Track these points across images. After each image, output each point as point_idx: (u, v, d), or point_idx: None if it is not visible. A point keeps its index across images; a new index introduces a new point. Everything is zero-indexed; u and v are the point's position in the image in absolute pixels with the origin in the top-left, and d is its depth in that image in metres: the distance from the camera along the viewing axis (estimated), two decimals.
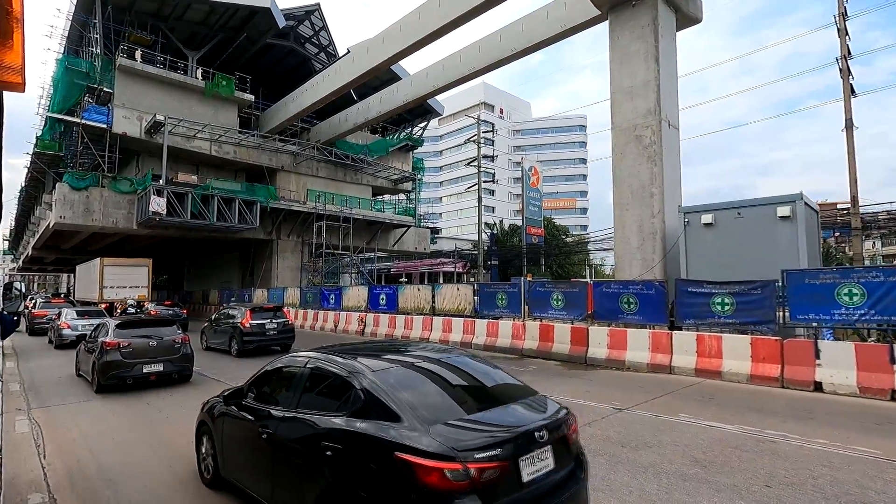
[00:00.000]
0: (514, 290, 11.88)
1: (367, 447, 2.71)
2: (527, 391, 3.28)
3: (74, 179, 23.69)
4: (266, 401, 3.68)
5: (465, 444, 2.51)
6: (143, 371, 8.17)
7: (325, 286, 22.20)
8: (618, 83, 14.68)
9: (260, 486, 3.52)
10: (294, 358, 3.73)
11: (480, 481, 2.43)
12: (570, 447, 2.98)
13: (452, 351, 3.72)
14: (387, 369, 3.14)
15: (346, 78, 23.87)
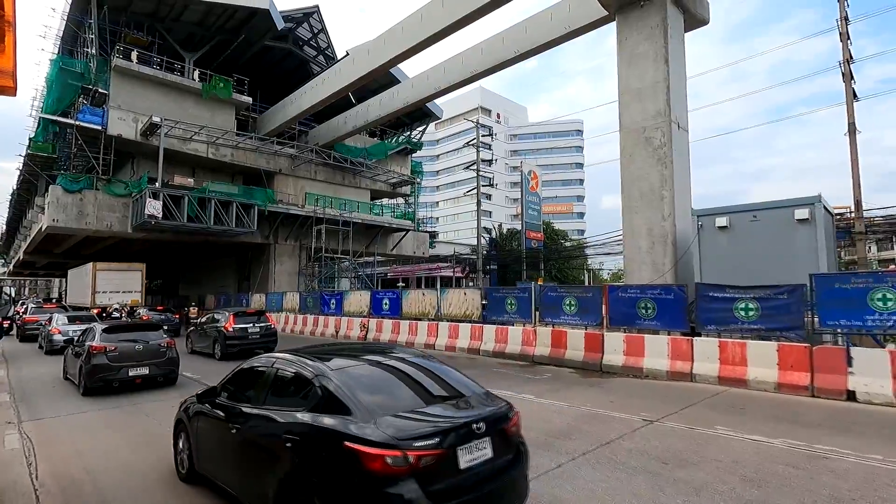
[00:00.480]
0: (525, 295, 11.55)
1: (321, 438, 2.97)
2: (474, 388, 3.53)
3: (68, 182, 23.18)
4: (237, 399, 3.91)
5: (407, 434, 2.77)
6: (128, 374, 8.37)
7: (326, 291, 21.77)
8: (626, 84, 14.46)
9: (230, 478, 3.79)
10: (262, 359, 3.99)
11: (419, 467, 2.69)
12: (510, 439, 3.23)
13: (413, 352, 3.98)
14: (344, 368, 3.39)
15: (346, 80, 23.57)
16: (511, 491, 3.19)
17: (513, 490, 3.20)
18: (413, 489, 2.67)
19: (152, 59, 26.46)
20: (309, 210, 29.73)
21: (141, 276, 26.39)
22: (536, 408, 6.76)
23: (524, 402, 7.14)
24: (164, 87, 26.52)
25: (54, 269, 52.57)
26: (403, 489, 2.66)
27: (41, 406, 7.54)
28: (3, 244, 57.45)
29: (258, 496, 3.40)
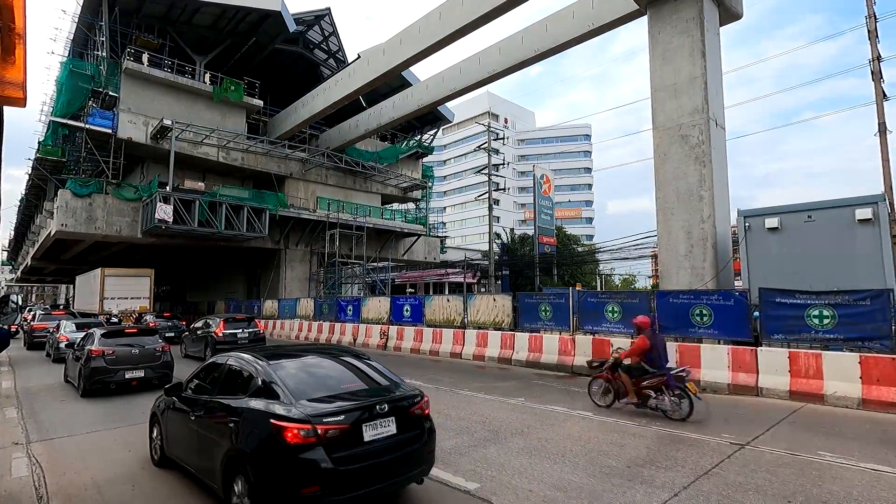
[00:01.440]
0: (561, 301, 10.85)
1: (254, 418, 3.60)
2: (390, 378, 4.19)
3: (77, 186, 22.75)
4: (198, 391, 4.52)
5: (318, 412, 3.41)
6: (125, 376, 8.84)
7: (342, 297, 21.13)
8: (659, 81, 13.83)
9: (189, 458, 4.41)
10: (220, 357, 4.63)
11: (326, 438, 3.33)
12: (414, 419, 3.85)
13: (346, 351, 4.75)
14: (280, 363, 4.05)
15: (360, 81, 23.09)
16: (412, 461, 3.77)
17: (413, 460, 3.78)
18: (322, 455, 3.29)
19: (163, 61, 26.11)
20: (321, 215, 29.19)
21: (150, 282, 25.86)
22: (600, 427, 6.06)
23: (583, 419, 6.45)
24: (174, 90, 26.15)
25: (62, 276, 52.26)
26: (314, 455, 3.29)
27: (51, 423, 6.90)
28: (12, 250, 57.31)
29: (209, 470, 3.99)
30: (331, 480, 3.30)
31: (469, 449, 5.24)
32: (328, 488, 3.29)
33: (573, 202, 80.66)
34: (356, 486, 3.40)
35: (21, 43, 2.10)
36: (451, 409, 7.10)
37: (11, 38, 2.07)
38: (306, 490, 3.26)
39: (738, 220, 11.01)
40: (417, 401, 3.95)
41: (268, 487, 3.33)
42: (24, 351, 17.71)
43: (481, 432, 5.86)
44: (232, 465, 3.67)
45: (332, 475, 3.31)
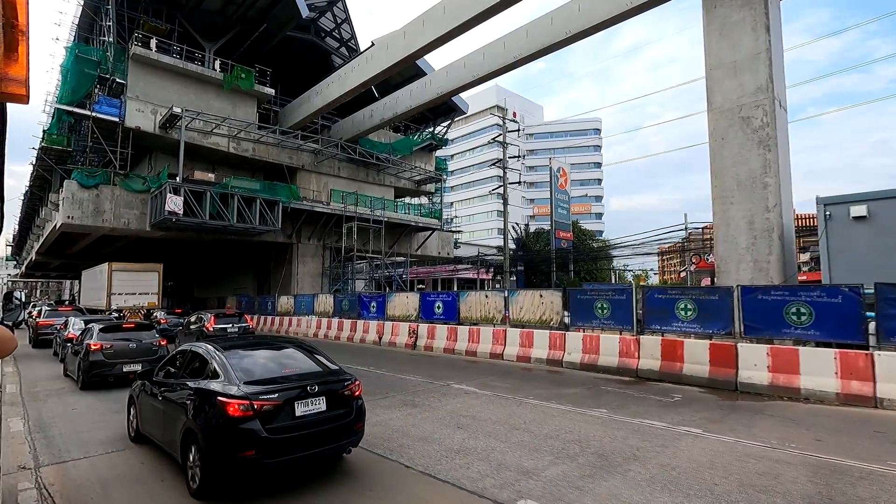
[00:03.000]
0: (623, 298, 9.81)
1: (206, 396, 4.30)
2: (326, 365, 4.93)
3: (84, 177, 21.77)
4: (167, 375, 5.26)
5: (256, 391, 4.16)
6: (122, 370, 9.11)
7: (365, 293, 20.13)
8: (716, 58, 12.72)
9: (156, 432, 5.17)
10: (185, 346, 5.35)
11: (261, 412, 4.06)
12: (345, 399, 4.57)
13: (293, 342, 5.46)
14: (232, 351, 4.83)
15: (379, 67, 22.03)
16: (340, 433, 4.42)
17: (341, 433, 4.43)
18: (258, 427, 3.99)
19: (171, 48, 25.05)
20: (335, 207, 28.17)
21: (158, 277, 24.89)
22: (730, 451, 5.01)
23: (698, 439, 5.40)
24: (183, 77, 25.10)
25: (66, 271, 51.49)
26: (251, 426, 3.98)
27: (63, 439, 5.92)
28: (16, 245, 56.51)
29: (172, 442, 4.61)
30: (265, 447, 3.94)
31: (584, 481, 4.22)
32: (263, 453, 3.94)
33: (584, 198, 79.41)
34: (287, 452, 4.04)
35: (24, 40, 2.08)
36: (531, 424, 6.08)
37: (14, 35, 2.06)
38: (244, 454, 3.91)
39: (818, 208, 9.91)
40: (347, 384, 4.62)
41: (214, 452, 3.99)
42: (29, 349, 16.78)
43: (585, 456, 4.84)
44: (187, 436, 4.33)
45: (266, 442, 3.95)
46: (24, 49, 2.09)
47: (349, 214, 27.44)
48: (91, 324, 10.60)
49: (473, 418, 6.37)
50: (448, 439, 5.46)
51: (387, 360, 12.16)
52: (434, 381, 9.09)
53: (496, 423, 6.16)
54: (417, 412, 6.77)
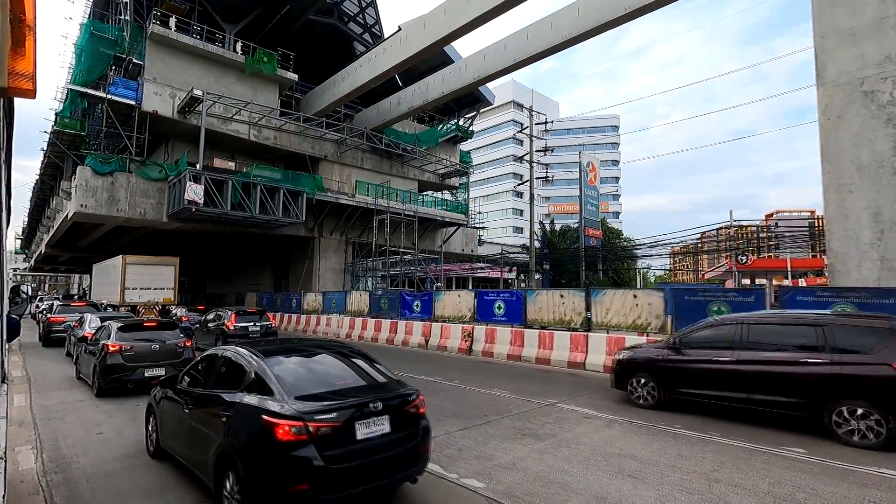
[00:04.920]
0: (750, 300, 8.16)
1: (247, 413, 3.55)
2: (386, 375, 4.12)
3: (98, 163, 20.34)
4: (194, 384, 4.49)
5: (310, 409, 3.37)
6: (144, 375, 8.09)
7: (407, 290, 18.57)
8: (829, 25, 11.02)
9: (182, 450, 4.41)
10: (216, 350, 4.57)
11: (318, 435, 3.29)
12: (410, 418, 3.77)
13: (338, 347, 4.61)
14: (275, 357, 3.99)
15: (413, 49, 20.53)
16: (406, 460, 3.70)
17: (407, 459, 3.71)
18: (313, 453, 3.25)
19: (191, 27, 23.57)
20: (361, 200, 26.64)
21: (174, 271, 23.38)
22: None
23: None
24: (203, 59, 23.66)
25: (75, 265, 50.36)
26: (305, 453, 3.24)
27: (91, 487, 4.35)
28: (25, 238, 55.46)
29: (202, 464, 3.95)
30: (322, 479, 3.26)
31: None
32: (319, 487, 3.25)
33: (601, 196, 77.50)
34: (348, 484, 3.35)
35: (31, 34, 2.09)
36: (721, 471, 4.46)
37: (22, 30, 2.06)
38: (297, 488, 3.22)
39: None
40: (412, 399, 3.88)
41: (258, 484, 3.30)
42: (40, 348, 15.33)
43: None
44: (224, 460, 3.62)
45: (323, 473, 3.26)
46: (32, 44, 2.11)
47: (380, 208, 25.88)
48: (108, 321, 9.43)
49: (634, 459, 4.77)
50: (636, 499, 3.84)
51: (446, 368, 10.58)
52: (530, 399, 7.49)
53: (673, 468, 4.55)
54: (549, 447, 5.17)
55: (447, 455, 4.83)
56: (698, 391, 6.50)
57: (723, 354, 6.32)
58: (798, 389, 5.68)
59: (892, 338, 5.41)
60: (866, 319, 5.94)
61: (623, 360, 7.38)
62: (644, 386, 7.00)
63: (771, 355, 5.96)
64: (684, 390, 6.63)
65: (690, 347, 6.75)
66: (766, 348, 6.03)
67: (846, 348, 5.52)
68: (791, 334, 6.04)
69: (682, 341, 6.90)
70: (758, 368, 5.97)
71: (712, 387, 6.35)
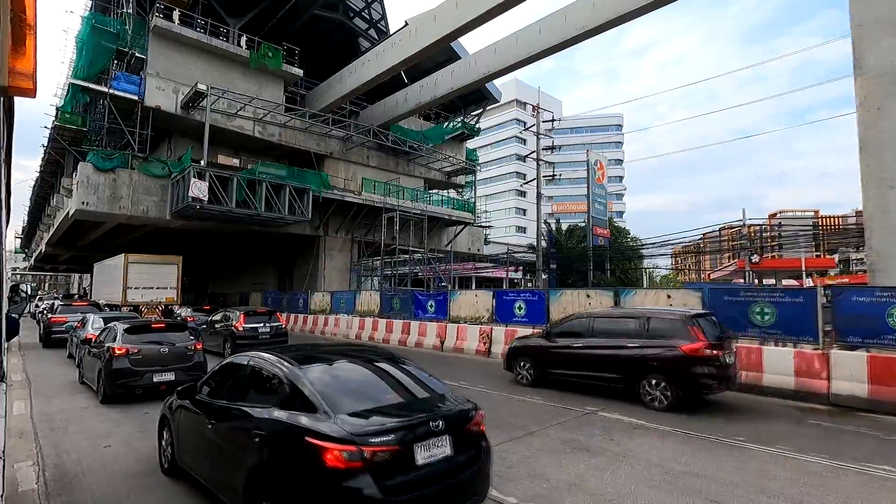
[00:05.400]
0: (798, 301, 7.66)
1: (285, 433, 3.03)
2: (438, 388, 3.57)
3: (100, 159, 19.84)
4: (216, 395, 3.94)
5: (364, 430, 2.83)
6: (153, 380, 7.62)
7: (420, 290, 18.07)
8: (867, 12, 10.52)
9: (204, 470, 3.85)
10: (241, 357, 4.00)
11: (374, 462, 2.76)
12: (471, 437, 3.27)
13: (383, 354, 4.03)
14: (313, 367, 3.44)
15: (421, 44, 20.13)
16: (469, 487, 3.22)
17: (471, 486, 3.23)
18: (368, 483, 2.72)
19: (195, 21, 23.07)
20: (367, 198, 26.13)
21: (177, 270, 22.90)
22: None
23: None
24: (207, 54, 23.15)
25: (76, 264, 49.84)
26: (359, 483, 2.71)
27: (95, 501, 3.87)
28: (25, 237, 54.96)
29: (228, 488, 3.44)
30: None
31: None
32: None
33: None
34: None
35: (31, 34, 2.08)
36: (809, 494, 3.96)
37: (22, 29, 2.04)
38: None
39: None
40: (473, 415, 3.35)
41: None
42: (40, 349, 14.82)
43: None
44: (256, 487, 3.09)
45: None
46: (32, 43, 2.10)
47: (389, 206, 25.38)
48: (113, 322, 8.84)
49: (703, 478, 4.28)
50: None
51: (467, 371, 10.09)
52: (567, 406, 6.99)
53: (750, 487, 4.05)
54: (604, 463, 4.68)
55: (497, 473, 4.34)
56: (561, 371, 8.07)
57: (577, 342, 7.89)
58: (622, 367, 7.22)
59: (684, 327, 6.82)
60: (669, 313, 7.40)
61: (512, 348, 9.04)
62: (526, 368, 8.52)
63: (607, 341, 7.50)
64: (552, 370, 8.19)
65: (558, 337, 8.23)
66: (605, 336, 7.57)
67: (654, 335, 7.03)
68: (621, 325, 7.53)
69: (552, 332, 8.46)
70: (598, 352, 7.55)
71: (570, 367, 7.93)
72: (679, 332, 6.80)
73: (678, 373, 6.65)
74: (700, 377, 6.59)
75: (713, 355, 6.56)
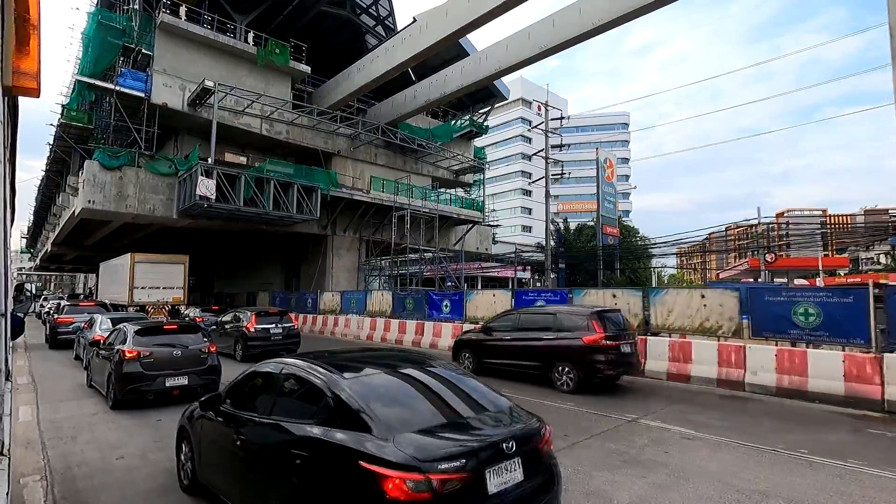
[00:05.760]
0: (847, 301, 7.21)
1: (333, 455, 2.61)
2: (500, 402, 3.14)
3: (106, 157, 19.55)
4: (243, 406, 3.53)
5: (430, 454, 2.43)
6: (165, 385, 7.27)
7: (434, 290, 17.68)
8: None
9: (231, 491, 3.44)
10: (272, 364, 3.58)
11: (443, 492, 2.36)
12: (542, 459, 2.87)
13: (433, 360, 3.51)
14: (359, 378, 3.01)
15: (432, 39, 19.73)
16: None
17: None
18: None
19: (201, 17, 22.76)
20: (375, 196, 25.77)
21: (184, 270, 22.61)
22: None
23: None
24: (214, 50, 22.84)
25: (81, 264, 49.74)
26: None
27: None
28: (31, 237, 54.90)
29: None
30: None
31: None
32: None
33: None
34: None
35: (35, 34, 2.09)
36: None
37: (26, 29, 2.05)
38: None
39: None
40: (543, 432, 2.90)
41: None
42: (46, 350, 14.52)
43: None
44: None
45: None
46: (36, 43, 2.09)
47: (399, 205, 25.03)
48: (123, 324, 8.43)
49: (780, 498, 3.84)
50: None
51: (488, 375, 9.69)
52: (605, 413, 6.59)
53: None
54: (659, 477, 4.28)
55: None
56: (495, 360, 9.21)
57: (507, 335, 9.10)
58: (539, 356, 8.39)
59: (588, 322, 7.93)
60: (577, 310, 8.64)
61: (456, 341, 10.33)
62: (467, 359, 9.67)
63: (529, 334, 8.67)
64: (487, 360, 9.33)
65: (494, 331, 9.40)
66: (528, 330, 8.72)
67: (563, 329, 8.19)
68: (540, 321, 8.68)
69: (489, 326, 9.64)
70: (522, 344, 8.73)
71: (501, 357, 9.12)
72: (583, 326, 7.92)
73: (581, 360, 7.81)
74: (599, 363, 7.73)
75: (610, 345, 7.77)
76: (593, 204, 68.37)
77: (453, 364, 3.64)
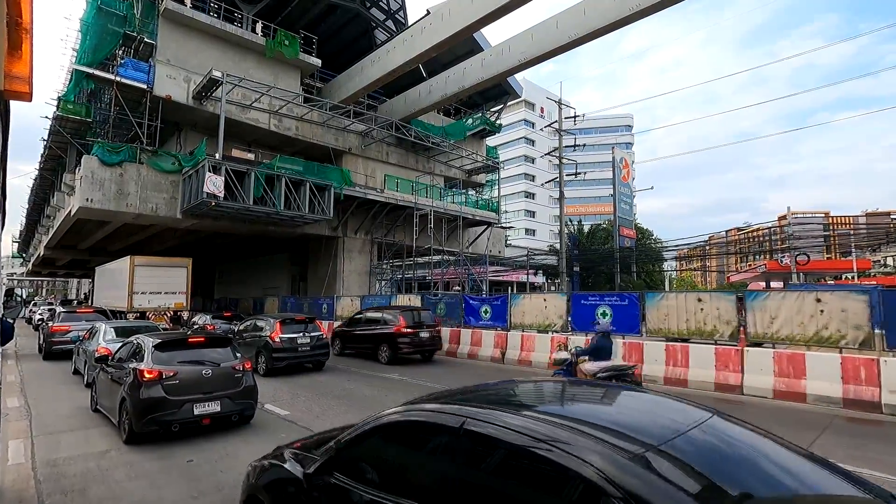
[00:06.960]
0: None
1: None
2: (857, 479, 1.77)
3: (105, 152, 18.15)
4: (372, 483, 2.15)
5: None
6: (193, 413, 5.82)
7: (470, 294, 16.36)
8: None
9: None
10: (430, 413, 2.12)
11: None
12: None
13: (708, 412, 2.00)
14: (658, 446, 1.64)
15: (452, 29, 18.49)
16: None
17: None
18: None
19: (207, 5, 21.47)
20: (391, 196, 24.48)
21: (186, 274, 21.31)
22: None
23: None
24: (221, 41, 21.54)
25: (74, 269, 48.03)
26: None
27: None
28: (22, 241, 53.06)
29: None
30: None
31: None
32: None
33: None
34: None
35: (28, 37, 2.08)
36: None
37: (18, 33, 2.06)
38: None
39: None
40: None
41: None
42: (40, 362, 13.04)
43: None
44: None
45: None
46: (28, 47, 2.09)
47: (419, 205, 23.76)
48: (137, 336, 6.93)
49: None
50: None
51: None
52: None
53: None
54: None
55: None
56: (352, 345, 13.62)
57: (358, 328, 13.55)
58: (371, 340, 12.82)
59: (399, 316, 12.30)
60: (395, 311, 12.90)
61: (334, 332, 14.48)
62: (337, 345, 13.79)
63: (370, 327, 13.09)
64: (348, 345, 13.72)
65: (354, 325, 13.79)
66: (370, 324, 13.22)
67: (386, 322, 12.60)
68: (376, 317, 13.26)
69: (351, 321, 14.19)
70: (366, 333, 13.10)
71: (355, 343, 13.50)
72: (395, 320, 12.24)
73: (391, 343, 12.12)
74: (402, 345, 12.04)
75: (409, 332, 12.10)
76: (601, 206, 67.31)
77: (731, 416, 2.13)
